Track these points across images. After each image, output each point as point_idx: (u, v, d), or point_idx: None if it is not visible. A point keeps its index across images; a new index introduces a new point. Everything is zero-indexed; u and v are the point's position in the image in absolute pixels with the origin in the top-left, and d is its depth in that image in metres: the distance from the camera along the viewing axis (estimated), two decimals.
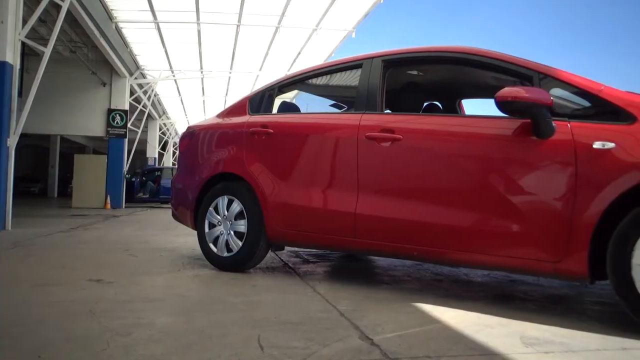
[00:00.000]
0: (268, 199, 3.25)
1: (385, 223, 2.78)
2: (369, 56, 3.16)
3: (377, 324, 2.13)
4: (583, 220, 2.17)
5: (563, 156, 2.27)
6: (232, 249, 3.39)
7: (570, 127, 2.30)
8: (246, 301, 2.56)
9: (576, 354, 1.79)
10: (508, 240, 2.40)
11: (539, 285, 3.18)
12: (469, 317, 2.28)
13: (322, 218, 3.04)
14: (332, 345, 1.84)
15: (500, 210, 2.42)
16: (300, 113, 3.67)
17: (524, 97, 2.30)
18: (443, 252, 2.62)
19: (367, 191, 2.86)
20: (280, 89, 3.73)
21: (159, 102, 20.48)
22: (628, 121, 2.18)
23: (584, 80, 2.41)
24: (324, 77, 3.78)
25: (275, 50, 13.32)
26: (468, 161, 2.58)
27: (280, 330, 2.04)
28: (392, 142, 2.79)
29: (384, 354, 1.75)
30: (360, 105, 3.05)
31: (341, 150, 3.03)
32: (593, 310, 2.58)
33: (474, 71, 3.16)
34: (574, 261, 2.20)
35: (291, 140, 3.28)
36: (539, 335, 2.01)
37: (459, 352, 1.78)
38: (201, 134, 3.88)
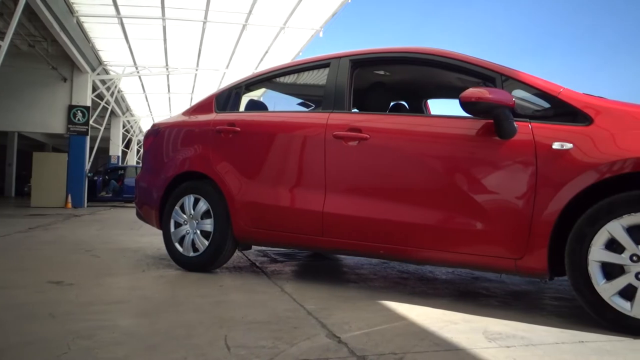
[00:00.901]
0: (235, 197, 3.22)
1: (352, 222, 2.80)
2: (336, 56, 3.17)
3: (345, 322, 2.15)
4: (543, 218, 2.24)
5: (524, 156, 2.33)
6: (198, 248, 3.34)
7: (531, 127, 2.36)
8: (213, 301, 2.53)
9: (536, 348, 1.85)
10: (472, 238, 2.46)
11: (501, 282, 3.26)
12: (434, 314, 2.32)
13: (290, 217, 3.04)
14: (300, 344, 1.84)
15: (464, 208, 2.48)
16: (267, 111, 3.66)
17: (487, 98, 2.35)
18: (409, 250, 2.66)
19: (334, 190, 2.87)
20: (247, 87, 3.70)
21: (122, 99, 20.01)
22: (585, 122, 2.27)
23: (544, 82, 2.49)
24: (292, 75, 3.77)
25: (243, 48, 13.21)
26: (433, 160, 2.63)
27: (248, 329, 2.02)
28: (359, 141, 2.81)
29: (351, 351, 1.77)
30: (328, 105, 3.06)
31: (309, 149, 3.03)
32: (552, 305, 2.67)
33: (440, 72, 3.22)
34: (534, 258, 2.27)
35: (258, 138, 3.26)
36: (501, 330, 2.07)
37: (424, 348, 1.81)
38: (166, 132, 3.81)
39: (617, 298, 2.06)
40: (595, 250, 2.11)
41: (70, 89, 13.84)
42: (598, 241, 2.10)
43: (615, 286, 2.07)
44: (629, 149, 2.11)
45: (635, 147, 2.11)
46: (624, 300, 2.05)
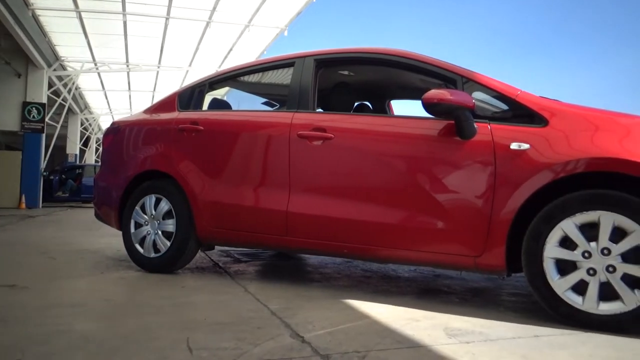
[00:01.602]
0: (198, 197, 3.18)
1: (316, 221, 2.80)
2: (301, 55, 3.18)
3: (308, 321, 2.15)
4: (501, 217, 2.31)
5: (483, 156, 2.40)
6: (159, 249, 3.28)
7: (490, 128, 2.43)
8: (174, 303, 2.49)
9: (494, 343, 1.90)
10: (433, 237, 2.51)
11: (461, 279, 3.34)
12: (396, 312, 2.35)
13: (254, 216, 3.02)
14: (264, 344, 1.84)
15: (425, 207, 2.52)
16: (231, 110, 3.62)
17: (448, 100, 2.40)
18: (372, 249, 2.68)
19: (298, 189, 2.87)
20: (211, 85, 3.66)
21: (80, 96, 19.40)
22: (541, 124, 2.35)
23: (502, 84, 2.56)
24: (256, 74, 3.75)
25: (206, 46, 13.04)
26: (396, 160, 2.66)
27: (210, 331, 2.00)
28: (323, 141, 2.82)
29: (315, 350, 1.77)
30: (293, 104, 3.06)
31: (273, 148, 3.02)
32: (509, 301, 2.75)
33: (403, 73, 3.26)
34: (492, 256, 2.34)
35: (222, 137, 3.23)
36: (461, 326, 2.12)
37: (386, 346, 1.84)
38: (127, 130, 3.72)
39: (570, 293, 2.15)
40: (550, 248, 2.19)
41: (24, 85, 13.29)
42: (553, 238, 2.19)
43: (568, 281, 2.15)
44: (581, 150, 2.20)
45: (587, 148, 2.20)
46: (576, 295, 2.14)
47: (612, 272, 2.07)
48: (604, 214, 2.10)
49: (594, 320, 2.09)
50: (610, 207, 2.09)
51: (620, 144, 2.17)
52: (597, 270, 2.09)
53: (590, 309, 2.10)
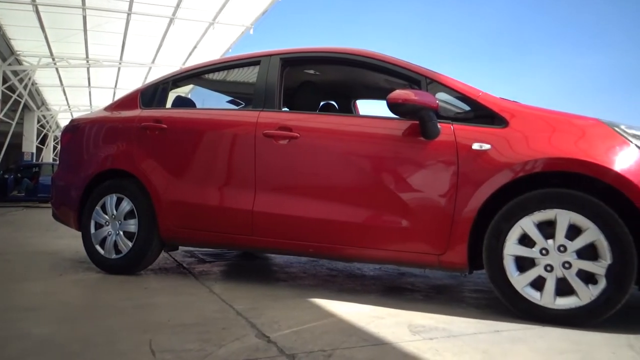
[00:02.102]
0: (161, 196, 3.12)
1: (282, 220, 2.80)
2: (267, 54, 3.16)
3: (274, 321, 2.14)
4: (463, 215, 2.36)
5: (446, 156, 2.44)
6: (121, 250, 3.20)
7: (453, 129, 2.48)
8: (137, 305, 2.44)
9: (456, 338, 1.95)
10: (398, 235, 2.54)
11: (425, 277, 3.40)
12: (362, 310, 2.37)
13: (219, 216, 2.99)
14: (229, 345, 1.82)
15: (390, 206, 2.55)
16: (196, 108, 3.57)
17: (412, 100, 2.44)
18: (338, 248, 2.70)
19: (264, 189, 2.86)
20: (175, 82, 3.59)
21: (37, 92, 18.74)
22: (501, 125, 2.41)
23: (464, 85, 2.62)
24: (222, 72, 3.70)
25: (170, 43, 12.82)
26: (361, 160, 2.68)
27: (174, 333, 1.97)
28: (289, 140, 2.81)
29: (281, 350, 1.77)
30: (258, 103, 3.04)
31: (238, 147, 2.99)
32: (471, 297, 2.81)
33: (369, 73, 3.29)
34: (455, 254, 2.39)
35: (186, 136, 3.18)
36: (424, 323, 2.15)
37: (352, 344, 1.85)
38: (86, 128, 3.62)
39: (528, 289, 2.22)
40: (510, 245, 2.25)
41: None
42: (512, 236, 2.25)
43: (527, 278, 2.22)
44: (539, 150, 2.27)
45: (545, 149, 2.27)
46: (535, 290, 2.21)
47: (568, 268, 2.15)
48: (560, 212, 2.17)
49: (551, 315, 2.17)
50: (566, 205, 2.17)
51: (576, 145, 2.25)
52: (554, 266, 2.17)
53: (547, 304, 2.18)
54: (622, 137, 2.23)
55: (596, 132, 2.29)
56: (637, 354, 1.81)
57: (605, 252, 2.09)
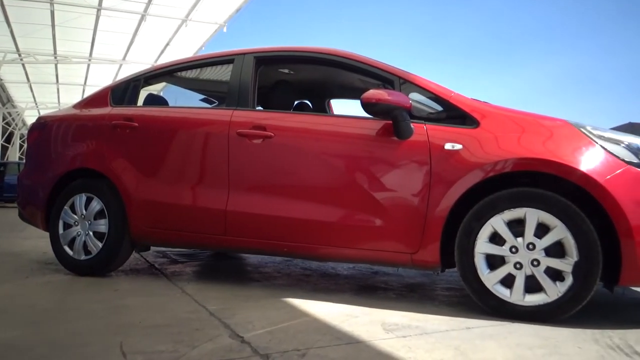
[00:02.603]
0: (132, 196, 3.06)
1: (256, 220, 2.78)
2: (241, 52, 3.14)
3: (248, 321, 2.13)
4: (435, 214, 2.39)
5: (419, 156, 2.47)
6: (90, 251, 3.13)
7: (426, 129, 2.51)
8: (107, 307, 2.39)
9: (429, 336, 1.97)
10: (371, 235, 2.56)
11: (398, 275, 3.43)
12: (335, 309, 2.38)
13: (192, 216, 2.95)
14: (202, 345, 1.80)
15: (364, 206, 2.57)
16: (168, 107, 3.52)
17: (386, 100, 2.46)
18: (312, 247, 2.70)
19: (238, 188, 2.84)
20: (147, 80, 3.53)
21: (2, 88, 18.17)
22: (473, 125, 2.46)
23: (437, 86, 2.66)
24: (195, 70, 3.66)
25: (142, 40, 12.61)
26: (335, 159, 2.69)
27: (146, 334, 1.94)
28: (263, 139, 2.80)
29: (255, 350, 1.76)
30: (232, 101, 3.02)
31: (211, 146, 2.96)
32: (444, 295, 2.85)
33: (343, 73, 3.30)
34: (428, 252, 2.42)
35: (158, 134, 3.13)
36: (398, 321, 2.18)
37: (326, 343, 1.86)
38: (55, 126, 3.53)
39: (498, 286, 2.27)
40: (481, 243, 2.30)
41: None
42: (483, 235, 2.29)
43: (497, 275, 2.27)
44: (509, 150, 2.32)
45: (515, 149, 2.32)
46: (505, 288, 2.26)
47: (537, 265, 2.20)
48: (529, 210, 2.23)
49: (521, 312, 2.22)
50: (535, 204, 2.22)
51: (544, 145, 2.31)
52: (523, 264, 2.22)
53: (517, 301, 2.23)
54: (588, 138, 2.29)
55: (563, 133, 2.36)
56: (601, 348, 1.87)
57: (572, 249, 2.15)
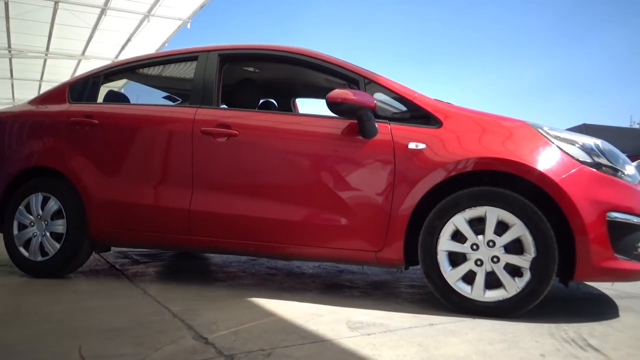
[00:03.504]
0: (92, 195, 2.98)
1: (221, 219, 2.75)
2: (205, 49, 3.09)
3: (212, 322, 2.11)
4: (399, 213, 2.43)
5: (384, 155, 2.50)
6: (47, 252, 3.03)
7: (390, 128, 2.54)
8: (65, 309, 2.32)
9: (393, 333, 2.00)
10: (336, 233, 2.57)
11: (363, 273, 3.46)
12: (301, 308, 2.39)
13: (154, 215, 2.89)
14: (165, 348, 1.77)
15: (329, 204, 2.58)
16: (130, 104, 3.44)
17: (351, 100, 2.48)
18: (278, 246, 2.69)
19: (202, 187, 2.80)
20: (107, 76, 3.44)
21: None
22: (436, 125, 2.50)
23: (401, 86, 2.69)
24: (157, 67, 3.59)
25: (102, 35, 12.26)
26: (301, 158, 2.69)
27: (106, 337, 1.89)
28: (228, 138, 2.77)
29: (219, 351, 1.74)
30: (196, 99, 2.97)
31: (175, 144, 2.91)
32: (407, 292, 2.90)
33: (308, 72, 3.30)
34: (392, 250, 2.45)
35: (120, 132, 3.06)
36: (362, 319, 2.20)
37: (291, 342, 1.86)
38: (9, 123, 3.39)
39: (460, 283, 2.32)
40: (443, 241, 2.34)
41: None
42: (445, 232, 2.34)
43: (459, 272, 2.32)
44: (471, 150, 2.38)
45: (476, 149, 2.38)
46: (466, 284, 2.31)
47: (496, 262, 2.26)
48: (489, 209, 2.29)
49: (481, 307, 2.28)
50: (495, 202, 2.28)
51: (503, 145, 2.38)
52: (483, 261, 2.28)
53: (477, 297, 2.28)
54: (545, 138, 2.37)
55: (522, 134, 2.43)
56: (557, 341, 1.94)
57: (529, 246, 2.22)
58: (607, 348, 1.87)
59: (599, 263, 2.18)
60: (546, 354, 1.79)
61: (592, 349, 1.85)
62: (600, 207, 2.21)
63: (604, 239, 2.19)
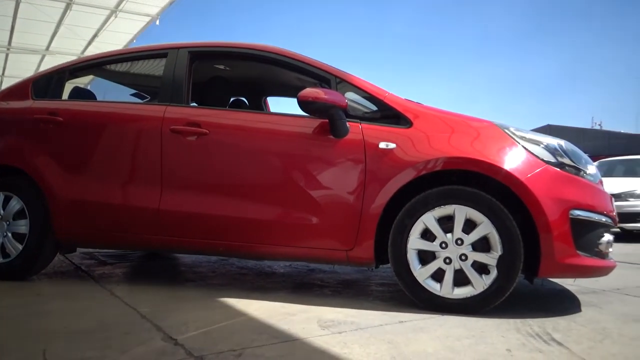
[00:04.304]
0: (57, 195, 2.90)
1: (190, 219, 2.72)
2: (175, 46, 3.05)
3: (182, 322, 2.08)
4: (370, 212, 2.45)
5: (355, 154, 2.52)
6: (9, 253, 2.93)
7: (361, 128, 2.56)
8: (29, 312, 2.25)
9: (363, 331, 2.01)
10: (308, 232, 2.57)
11: (334, 272, 3.48)
12: (272, 307, 2.38)
13: (122, 215, 2.84)
14: (133, 350, 1.74)
15: (300, 204, 2.58)
16: (96, 101, 3.36)
17: (322, 99, 2.48)
18: (249, 246, 2.68)
19: (171, 186, 2.76)
20: (72, 72, 3.35)
21: None
22: (406, 125, 2.53)
23: (372, 86, 2.71)
24: (126, 64, 3.51)
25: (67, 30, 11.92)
26: (272, 157, 2.68)
27: (72, 340, 1.84)
28: (198, 136, 2.74)
29: (189, 352, 1.72)
30: (165, 97, 2.93)
31: (143, 142, 2.86)
32: (378, 291, 2.92)
33: (280, 70, 3.29)
34: (363, 249, 2.47)
35: (86, 130, 2.98)
36: (333, 318, 2.20)
37: (262, 342, 1.85)
38: None
39: (429, 281, 2.35)
40: (413, 240, 2.37)
41: None
42: (415, 231, 2.37)
43: (428, 270, 2.35)
44: (440, 150, 2.42)
45: (445, 148, 2.42)
46: (435, 282, 2.35)
47: (465, 260, 2.31)
48: (458, 207, 2.33)
49: (450, 304, 2.32)
50: (463, 201, 2.33)
51: (472, 145, 2.42)
52: (452, 259, 2.32)
53: (446, 294, 2.32)
54: (512, 138, 2.43)
55: (489, 134, 2.48)
56: (522, 336, 1.99)
57: (496, 244, 2.27)
58: (570, 342, 1.93)
59: (562, 260, 2.25)
60: (512, 349, 1.84)
61: (555, 343, 1.91)
62: (563, 205, 2.27)
63: (567, 237, 2.26)
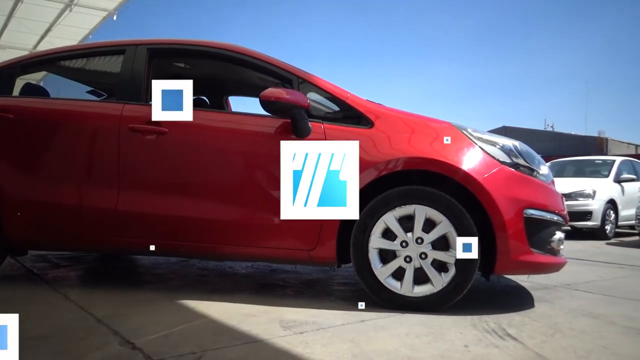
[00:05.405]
0: (7, 195, 2.78)
1: (149, 219, 2.66)
2: (133, 42, 2.97)
3: (140, 326, 2.04)
4: None
5: None
6: None
7: (323, 128, 2.57)
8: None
9: (325, 331, 2.02)
10: (270, 232, 2.56)
11: (296, 272, 3.48)
12: (233, 309, 2.36)
13: (77, 216, 2.74)
14: (89, 355, 1.69)
15: (262, 204, 2.56)
16: (50, 98, 3.23)
17: (284, 99, 2.48)
18: (210, 247, 2.64)
19: (129, 186, 2.69)
20: (24, 68, 3.22)
21: None
22: (368, 125, 2.56)
23: (334, 87, 2.72)
24: (81, 60, 3.41)
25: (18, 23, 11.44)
26: (233, 157, 2.66)
27: (24, 347, 1.76)
28: (157, 136, 2.68)
29: (147, 356, 1.69)
30: (123, 95, 2.85)
31: (100, 142, 2.78)
32: (339, 290, 2.94)
33: (242, 70, 3.25)
34: (325, 249, 2.48)
35: (39, 128, 2.87)
36: (295, 318, 2.21)
37: (223, 344, 1.83)
38: None
39: (390, 279, 2.39)
40: (374, 239, 2.40)
41: None
42: (376, 231, 2.40)
43: (389, 269, 2.39)
44: (400, 150, 2.46)
45: (405, 149, 2.46)
46: (396, 280, 2.39)
47: (424, 258, 2.35)
48: (418, 207, 2.37)
49: (410, 303, 2.36)
50: (423, 201, 2.37)
51: (431, 146, 2.47)
52: (412, 257, 2.36)
53: (406, 293, 2.36)
54: (469, 139, 2.50)
55: (448, 135, 2.54)
56: (479, 332, 2.05)
57: (454, 242, 2.33)
58: (524, 336, 2.00)
59: (517, 257, 2.33)
60: (469, 344, 1.89)
61: (510, 338, 1.98)
62: (518, 204, 2.35)
63: (521, 235, 2.34)
